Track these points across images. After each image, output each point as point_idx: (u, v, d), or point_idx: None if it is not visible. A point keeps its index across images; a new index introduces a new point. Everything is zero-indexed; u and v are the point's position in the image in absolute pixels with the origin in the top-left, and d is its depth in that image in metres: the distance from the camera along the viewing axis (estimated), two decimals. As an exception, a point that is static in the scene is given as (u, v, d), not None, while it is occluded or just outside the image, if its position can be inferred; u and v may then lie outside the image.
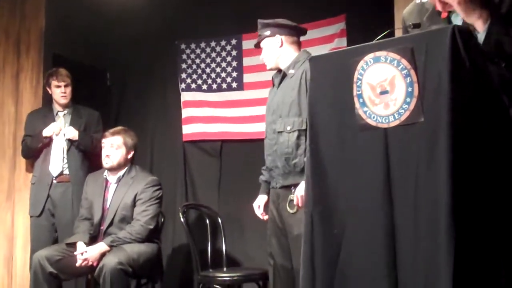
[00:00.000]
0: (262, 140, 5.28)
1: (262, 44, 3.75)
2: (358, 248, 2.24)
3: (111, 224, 4.40)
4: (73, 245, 4.34)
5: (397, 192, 2.14)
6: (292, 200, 3.41)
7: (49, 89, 5.02)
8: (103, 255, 4.19)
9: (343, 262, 2.29)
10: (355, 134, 2.30)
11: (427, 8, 2.55)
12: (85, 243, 4.32)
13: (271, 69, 3.79)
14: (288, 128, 3.52)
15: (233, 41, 5.66)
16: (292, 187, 3.44)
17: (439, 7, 2.43)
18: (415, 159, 2.07)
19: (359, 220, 2.25)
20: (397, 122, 2.16)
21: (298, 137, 3.47)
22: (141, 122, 5.76)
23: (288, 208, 3.45)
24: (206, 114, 5.71)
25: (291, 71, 3.60)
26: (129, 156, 4.58)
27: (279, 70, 3.74)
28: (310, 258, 2.39)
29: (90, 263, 4.21)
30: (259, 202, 3.83)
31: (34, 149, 4.93)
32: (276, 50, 3.69)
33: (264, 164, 3.89)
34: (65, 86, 4.94)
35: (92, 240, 4.39)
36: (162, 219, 5.22)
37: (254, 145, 5.45)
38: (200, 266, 4.55)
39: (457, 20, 2.46)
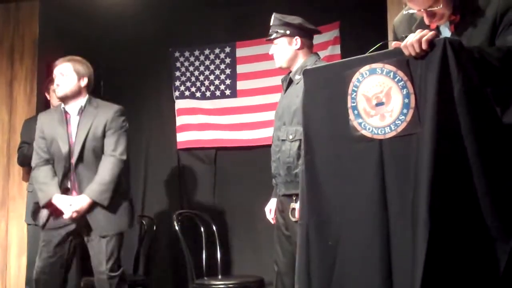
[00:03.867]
0: (256, 147, 5.35)
1: (277, 41, 3.63)
2: (352, 259, 2.26)
3: (81, 156, 4.02)
4: (49, 206, 4.00)
5: (393, 203, 2.15)
6: (294, 209, 3.39)
7: (48, 95, 5.01)
8: (91, 206, 3.93)
9: (338, 273, 2.30)
10: (350, 146, 2.31)
11: (416, 18, 2.57)
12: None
13: (280, 68, 3.70)
14: (290, 137, 3.47)
15: (227, 49, 5.67)
16: (294, 195, 3.38)
17: (427, 21, 2.45)
18: (412, 170, 2.09)
19: (353, 231, 2.26)
20: (393, 133, 2.17)
21: (300, 147, 3.34)
22: (135, 130, 5.74)
23: (291, 217, 3.43)
24: (200, 121, 5.71)
25: (297, 77, 3.52)
26: (83, 84, 4.15)
27: (289, 73, 3.67)
28: (306, 269, 2.40)
29: (80, 215, 3.90)
30: (271, 206, 3.76)
31: (31, 157, 4.89)
32: (291, 51, 3.60)
33: (259, 170, 3.87)
34: None
35: (64, 178, 4.05)
36: (154, 227, 5.22)
37: (249, 152, 5.47)
38: (195, 274, 4.54)
39: (445, 31, 2.49)
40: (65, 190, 4.02)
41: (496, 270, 2.03)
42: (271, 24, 3.66)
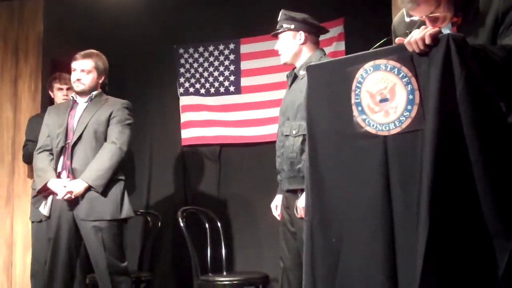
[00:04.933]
0: (261, 143, 5.35)
1: (281, 36, 3.65)
2: (356, 257, 2.25)
3: (81, 136, 4.06)
4: (44, 191, 4.06)
5: (397, 200, 2.14)
6: None
7: (51, 93, 5.02)
8: (87, 189, 3.96)
9: (342, 270, 2.29)
10: (354, 142, 2.30)
11: (416, 20, 2.57)
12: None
13: (285, 64, 3.70)
14: (294, 132, 3.48)
15: (231, 45, 5.67)
16: (299, 191, 3.39)
17: (430, 26, 2.44)
18: (417, 166, 2.08)
19: (357, 228, 2.25)
20: (397, 130, 2.17)
21: (303, 142, 3.37)
22: (140, 127, 5.75)
23: (296, 213, 3.44)
24: (204, 118, 5.71)
25: (302, 73, 3.51)
26: (100, 80, 4.29)
27: (293, 69, 3.68)
28: (311, 266, 2.40)
29: (73, 196, 3.93)
30: (276, 203, 3.76)
31: None
32: (296, 46, 3.61)
33: (263, 167, 3.87)
34: (68, 89, 4.90)
35: (59, 156, 4.10)
36: (159, 223, 5.23)
37: (253, 149, 5.47)
38: (199, 270, 4.55)
39: (446, 32, 2.48)
40: (58, 172, 4.06)
41: (496, 268, 2.03)
42: (278, 19, 3.68)
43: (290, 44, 3.62)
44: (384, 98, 2.21)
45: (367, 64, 2.25)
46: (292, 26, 3.60)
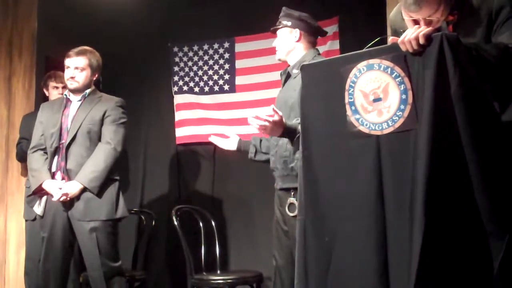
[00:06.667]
0: (255, 142, 5.33)
1: (278, 32, 3.67)
2: (348, 256, 2.26)
3: (74, 138, 4.04)
4: (39, 191, 4.05)
5: (389, 199, 2.15)
6: (292, 204, 3.40)
7: (46, 91, 5.01)
8: (82, 190, 3.95)
9: (335, 268, 2.30)
10: (347, 142, 2.32)
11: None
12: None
13: (279, 60, 3.73)
14: None
15: (226, 44, 5.67)
16: (292, 190, 3.40)
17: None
18: (409, 166, 2.08)
19: (350, 227, 2.27)
20: (390, 129, 2.17)
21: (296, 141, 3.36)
22: (134, 125, 5.74)
23: (288, 211, 3.44)
24: (198, 116, 5.71)
25: (295, 71, 3.52)
26: (94, 78, 4.26)
27: (287, 67, 3.68)
28: (303, 264, 2.40)
29: (69, 198, 3.92)
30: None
31: None
32: (291, 42, 3.61)
33: (258, 166, 3.87)
34: (63, 87, 4.88)
35: (53, 157, 4.08)
36: (153, 222, 5.23)
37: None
38: (193, 269, 4.55)
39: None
40: (52, 173, 4.05)
41: (490, 267, 2.04)
42: (279, 16, 3.70)
43: (285, 40, 3.64)
44: (377, 97, 2.22)
45: (361, 64, 2.26)
46: (289, 23, 3.62)
